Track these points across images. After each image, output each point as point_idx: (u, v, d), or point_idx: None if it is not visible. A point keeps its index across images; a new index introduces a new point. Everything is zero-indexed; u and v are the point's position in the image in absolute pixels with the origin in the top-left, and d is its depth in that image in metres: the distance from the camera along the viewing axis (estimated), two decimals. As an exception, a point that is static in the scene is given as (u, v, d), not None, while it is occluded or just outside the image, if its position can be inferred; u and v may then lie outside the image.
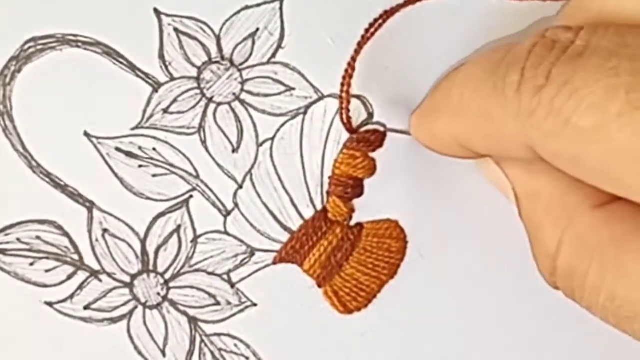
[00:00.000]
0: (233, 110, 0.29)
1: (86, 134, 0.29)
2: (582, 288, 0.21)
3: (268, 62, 0.29)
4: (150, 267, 0.30)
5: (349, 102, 0.28)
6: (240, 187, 0.29)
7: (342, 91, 0.28)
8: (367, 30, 0.28)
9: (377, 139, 0.29)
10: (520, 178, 0.23)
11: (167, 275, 0.30)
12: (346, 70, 0.28)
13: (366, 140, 0.29)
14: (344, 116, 0.28)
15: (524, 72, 0.21)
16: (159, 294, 0.30)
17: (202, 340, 0.30)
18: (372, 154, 0.29)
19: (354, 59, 0.28)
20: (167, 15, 0.29)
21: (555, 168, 0.21)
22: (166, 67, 0.29)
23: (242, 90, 0.29)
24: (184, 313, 0.30)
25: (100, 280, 0.30)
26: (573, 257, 0.21)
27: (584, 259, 0.21)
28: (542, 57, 0.20)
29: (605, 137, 0.18)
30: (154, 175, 0.29)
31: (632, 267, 0.20)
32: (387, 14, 0.28)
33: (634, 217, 0.20)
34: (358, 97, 0.29)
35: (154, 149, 0.29)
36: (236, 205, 0.29)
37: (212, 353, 0.30)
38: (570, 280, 0.21)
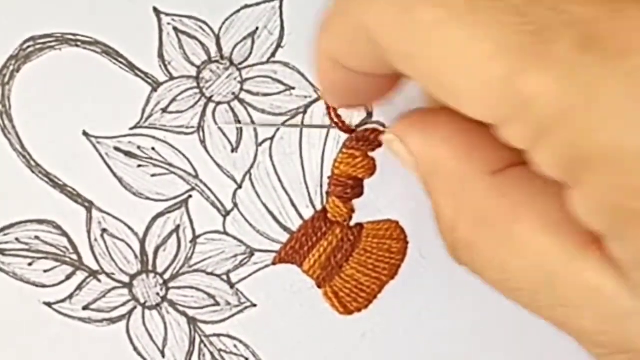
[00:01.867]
0: (232, 109, 0.29)
1: (85, 134, 0.29)
2: (479, 261, 0.20)
3: (268, 62, 0.29)
4: (150, 268, 0.29)
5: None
6: (240, 187, 0.29)
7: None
8: None
9: (376, 138, 0.28)
10: (421, 152, 0.22)
11: (167, 276, 0.30)
12: None
13: (365, 139, 0.28)
14: (333, 116, 0.28)
15: None
16: (158, 294, 0.30)
17: (202, 341, 0.30)
18: (371, 154, 0.29)
19: None
20: (167, 15, 0.29)
21: (451, 135, 0.20)
22: (165, 66, 0.29)
23: (241, 89, 0.29)
24: (184, 313, 0.30)
25: (99, 281, 0.30)
26: (470, 229, 0.20)
27: (480, 230, 0.20)
28: None
29: (444, 35, 0.17)
30: (153, 175, 0.29)
31: (522, 236, 0.19)
32: None
33: (527, 183, 0.19)
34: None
35: (153, 149, 0.29)
36: (235, 205, 0.29)
37: (211, 354, 0.30)
38: (470, 253, 0.21)
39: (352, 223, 0.29)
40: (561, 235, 0.18)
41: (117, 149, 0.29)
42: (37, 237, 0.29)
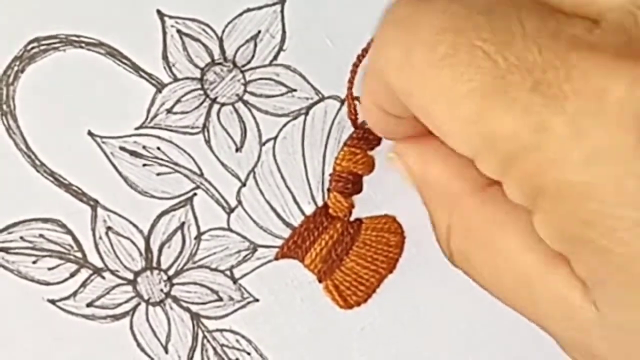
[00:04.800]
0: (236, 110, 0.30)
1: (90, 134, 0.30)
2: (472, 268, 0.23)
3: (270, 64, 0.30)
4: (154, 264, 0.30)
5: (352, 98, 0.29)
6: (244, 185, 0.30)
7: (349, 88, 0.29)
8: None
9: (375, 137, 0.30)
10: (418, 168, 0.25)
11: (171, 272, 0.30)
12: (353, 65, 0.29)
13: (365, 138, 0.30)
14: (352, 112, 0.29)
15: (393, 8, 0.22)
16: (162, 290, 0.30)
17: (205, 336, 0.30)
18: (370, 153, 0.30)
19: (359, 59, 0.29)
20: (170, 17, 0.29)
21: (443, 152, 0.22)
22: (170, 68, 0.30)
23: (245, 91, 0.30)
24: (187, 309, 0.30)
25: (104, 278, 0.30)
26: (462, 240, 0.23)
27: (471, 242, 0.22)
28: None
29: (434, 75, 0.19)
30: (158, 174, 0.30)
31: (507, 251, 0.21)
32: None
33: (506, 201, 0.21)
34: (356, 98, 0.30)
35: (158, 148, 0.30)
36: (239, 202, 0.30)
37: (214, 349, 0.31)
38: (464, 261, 0.23)
39: (351, 219, 0.30)
40: (537, 252, 0.20)
41: (122, 148, 0.30)
42: (41, 235, 0.30)
